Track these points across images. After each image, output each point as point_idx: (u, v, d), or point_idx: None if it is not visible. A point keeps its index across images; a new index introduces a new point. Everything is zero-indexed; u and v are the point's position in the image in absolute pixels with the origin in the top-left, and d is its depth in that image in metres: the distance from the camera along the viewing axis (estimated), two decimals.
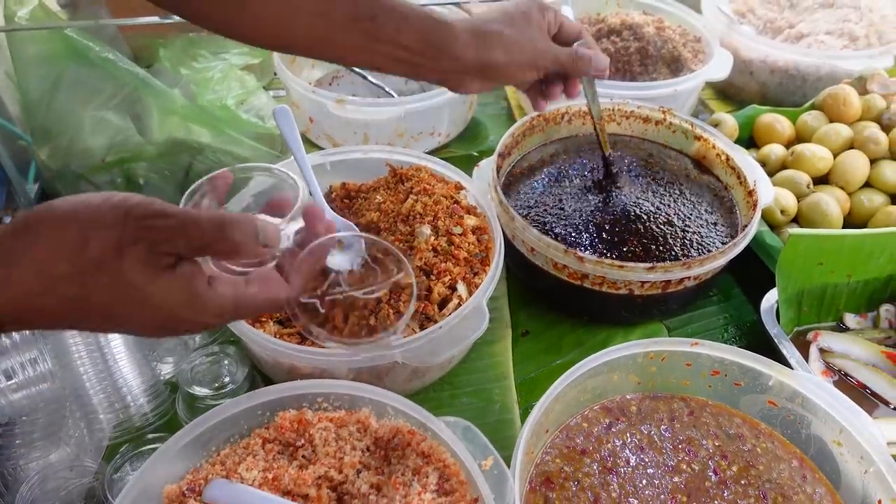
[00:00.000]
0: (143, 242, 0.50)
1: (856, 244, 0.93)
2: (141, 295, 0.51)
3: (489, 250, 0.93)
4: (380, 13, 0.73)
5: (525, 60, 0.81)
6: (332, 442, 0.74)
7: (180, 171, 1.13)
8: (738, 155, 1.07)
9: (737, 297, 1.07)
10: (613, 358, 0.81)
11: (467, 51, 0.77)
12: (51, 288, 0.49)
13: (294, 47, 0.78)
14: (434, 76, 0.80)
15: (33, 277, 0.48)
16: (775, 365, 0.80)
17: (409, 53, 0.76)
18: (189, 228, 0.52)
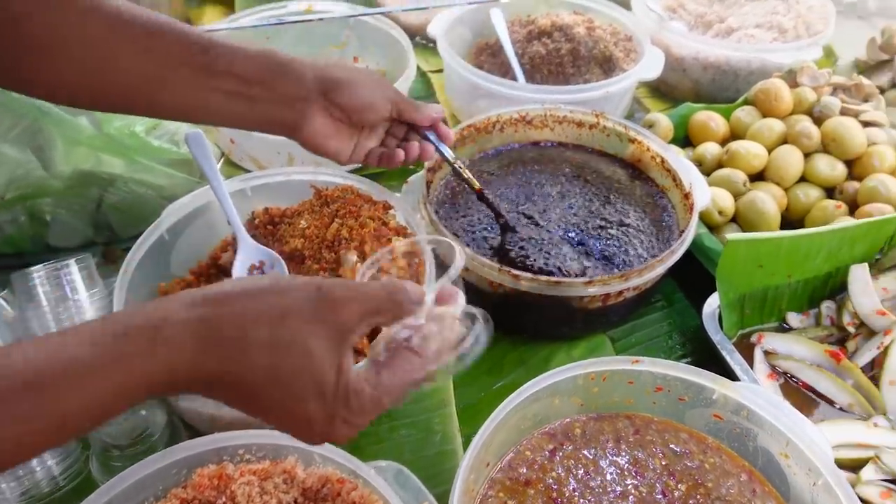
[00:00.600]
0: (330, 323, 0.50)
1: (793, 245, 0.91)
2: (322, 385, 0.49)
3: (420, 274, 0.88)
4: (213, 46, 0.69)
5: (371, 86, 0.78)
6: (256, 497, 0.69)
7: (91, 204, 1.06)
8: (673, 157, 1.04)
9: (680, 301, 1.05)
10: (553, 382, 0.77)
11: (307, 71, 0.73)
12: (245, 353, 0.47)
13: (112, 96, 0.69)
14: (273, 108, 0.73)
15: (233, 343, 0.47)
16: (718, 378, 0.77)
17: (245, 85, 0.70)
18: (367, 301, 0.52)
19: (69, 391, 0.42)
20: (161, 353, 0.45)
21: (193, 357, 0.46)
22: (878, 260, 0.98)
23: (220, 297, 0.49)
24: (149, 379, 0.45)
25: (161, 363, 0.45)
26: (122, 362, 0.44)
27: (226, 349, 0.47)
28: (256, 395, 0.49)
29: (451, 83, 1.33)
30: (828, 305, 0.98)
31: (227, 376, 0.47)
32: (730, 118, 1.19)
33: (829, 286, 0.99)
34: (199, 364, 0.46)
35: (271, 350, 0.48)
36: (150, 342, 0.45)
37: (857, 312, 0.94)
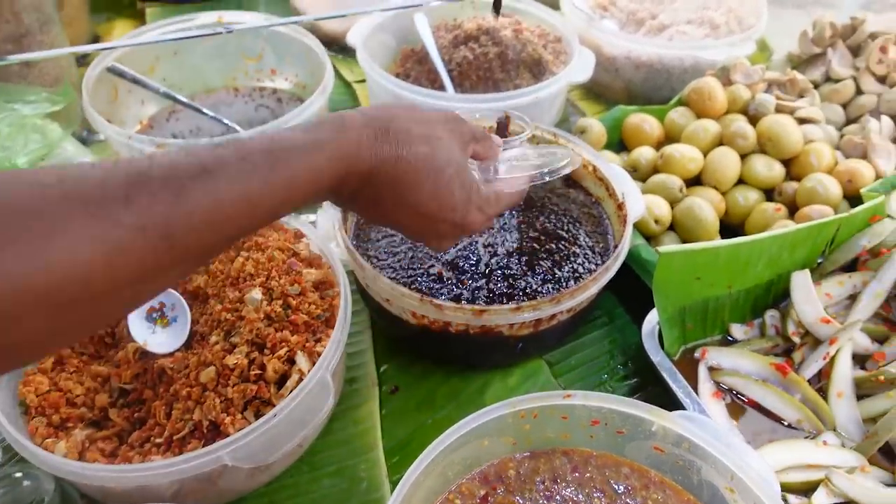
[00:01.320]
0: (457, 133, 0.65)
1: (731, 254, 0.86)
2: (461, 174, 0.63)
3: (334, 308, 0.81)
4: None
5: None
6: None
7: None
8: (605, 165, 0.99)
9: (621, 316, 1.00)
10: (480, 423, 0.70)
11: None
12: (410, 143, 0.59)
13: None
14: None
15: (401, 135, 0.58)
16: (654, 409, 0.71)
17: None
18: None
19: (294, 156, 0.50)
20: (352, 134, 0.55)
21: (372, 142, 0.56)
22: (821, 264, 0.94)
23: (383, 107, 0.61)
24: (344, 152, 0.54)
25: (352, 142, 0.54)
26: (326, 138, 0.53)
27: (396, 137, 0.58)
28: (417, 181, 0.59)
29: (374, 95, 1.26)
30: (772, 314, 0.94)
31: (397, 161, 0.57)
32: (664, 120, 1.14)
33: (773, 294, 0.94)
34: (377, 147, 0.56)
35: (428, 142, 0.60)
36: (343, 127, 0.55)
37: (801, 321, 0.89)
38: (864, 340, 0.87)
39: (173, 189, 0.42)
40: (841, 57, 1.15)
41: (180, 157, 0.44)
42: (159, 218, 0.41)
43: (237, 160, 0.46)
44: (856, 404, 0.83)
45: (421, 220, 0.63)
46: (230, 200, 0.45)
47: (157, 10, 1.59)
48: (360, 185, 0.57)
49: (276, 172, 0.48)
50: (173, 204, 0.41)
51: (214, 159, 0.45)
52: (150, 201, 0.40)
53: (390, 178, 0.58)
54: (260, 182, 0.47)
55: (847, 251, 0.93)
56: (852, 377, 0.85)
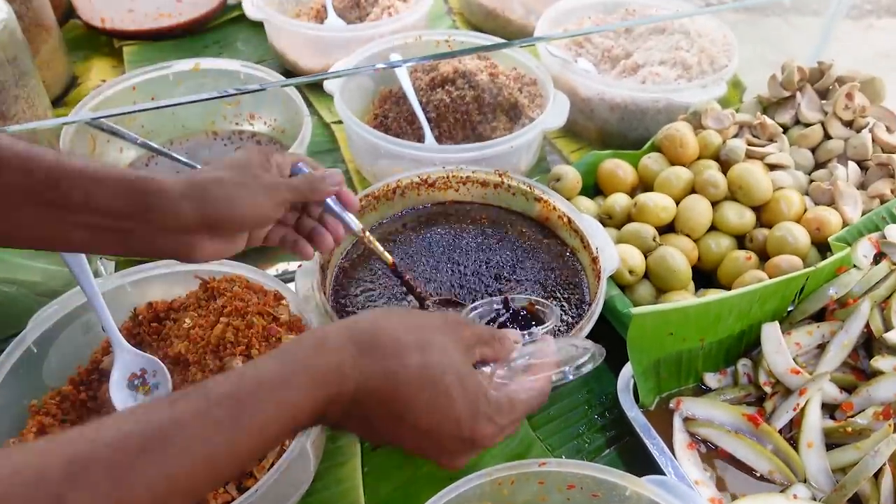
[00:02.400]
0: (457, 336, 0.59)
1: (701, 312, 0.88)
2: (463, 381, 0.56)
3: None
4: (66, 177, 0.60)
5: (257, 199, 0.69)
6: None
7: None
8: (579, 217, 1.01)
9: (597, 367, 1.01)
10: (459, 493, 0.72)
11: (183, 203, 0.64)
12: (400, 354, 0.54)
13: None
14: (154, 243, 0.65)
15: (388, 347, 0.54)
16: (627, 476, 0.73)
17: (111, 219, 0.62)
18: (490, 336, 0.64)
19: (263, 398, 0.46)
20: (331, 355, 0.51)
21: (355, 359, 0.52)
22: (790, 313, 0.97)
23: (369, 317, 0.57)
24: (322, 378, 0.50)
25: (332, 363, 0.51)
26: (300, 365, 0.49)
27: (383, 349, 0.54)
28: (410, 396, 0.54)
29: (352, 142, 1.27)
30: (744, 363, 0.96)
31: (385, 375, 0.53)
32: (637, 165, 1.16)
33: (744, 343, 0.96)
34: (361, 365, 0.52)
35: (421, 349, 0.55)
36: (321, 348, 0.51)
37: (772, 371, 0.92)
38: (833, 390, 0.90)
39: (119, 474, 0.38)
40: (809, 101, 1.18)
41: (130, 426, 0.41)
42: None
43: (197, 418, 0.42)
44: (825, 455, 0.85)
45: (422, 437, 0.56)
46: (186, 472, 0.41)
47: (135, 48, 1.59)
48: (349, 408, 0.53)
49: (241, 424, 0.44)
50: (117, 493, 0.38)
51: (171, 422, 0.41)
52: (90, 495, 0.37)
53: (380, 395, 0.53)
54: (224, 441, 0.43)
55: (815, 301, 0.95)
56: (822, 427, 0.87)
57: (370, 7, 1.61)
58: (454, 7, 1.79)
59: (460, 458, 0.60)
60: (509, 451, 0.91)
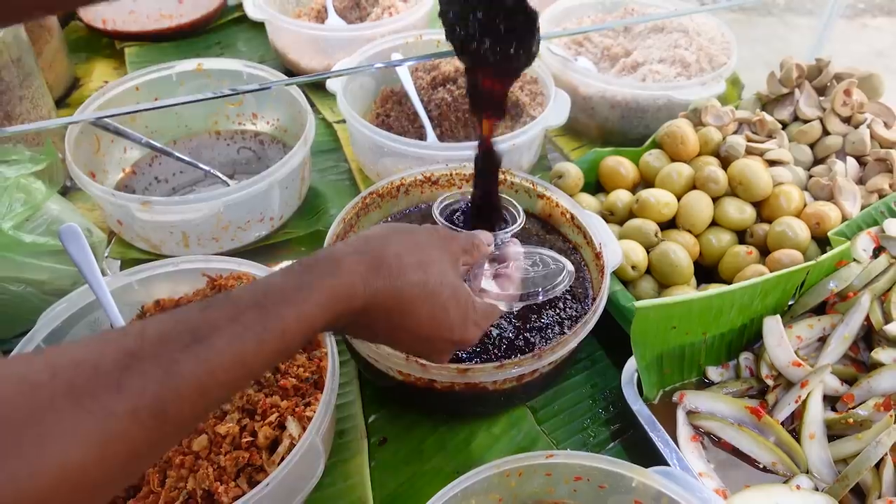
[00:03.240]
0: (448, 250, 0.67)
1: (704, 305, 0.89)
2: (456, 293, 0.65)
3: (322, 369, 0.83)
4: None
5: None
6: None
7: None
8: (582, 213, 1.02)
9: (601, 359, 1.03)
10: (468, 485, 0.73)
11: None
12: (403, 273, 0.60)
13: None
14: None
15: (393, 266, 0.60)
16: (634, 467, 0.74)
17: None
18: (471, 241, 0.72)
19: (286, 308, 0.50)
20: (344, 275, 0.56)
21: (365, 279, 0.57)
22: (791, 307, 0.98)
23: (377, 236, 0.62)
24: (337, 294, 0.55)
25: (345, 283, 0.56)
26: (318, 282, 0.54)
27: (389, 269, 0.59)
28: (412, 309, 0.61)
29: (354, 139, 1.28)
30: (746, 357, 0.97)
31: (391, 292, 0.59)
32: (638, 162, 1.17)
33: (746, 337, 0.97)
34: (371, 283, 0.58)
35: (422, 267, 0.62)
36: (336, 268, 0.56)
37: (774, 364, 0.93)
38: (834, 382, 0.91)
39: (165, 366, 0.42)
40: (808, 97, 1.19)
41: (170, 327, 0.44)
42: (151, 399, 0.40)
43: (228, 322, 0.46)
44: (827, 446, 0.86)
45: (418, 342, 0.65)
46: (224, 366, 0.45)
47: (136, 49, 1.60)
48: (357, 318, 0.58)
49: (268, 329, 0.48)
50: (165, 382, 0.41)
51: (206, 325, 0.46)
52: (142, 383, 0.40)
53: (386, 308, 0.60)
54: (253, 342, 0.47)
55: (816, 295, 0.96)
56: (823, 419, 0.88)
57: (370, 7, 1.61)
58: None
59: (446, 355, 0.69)
60: (515, 445, 0.92)
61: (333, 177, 1.33)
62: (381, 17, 1.53)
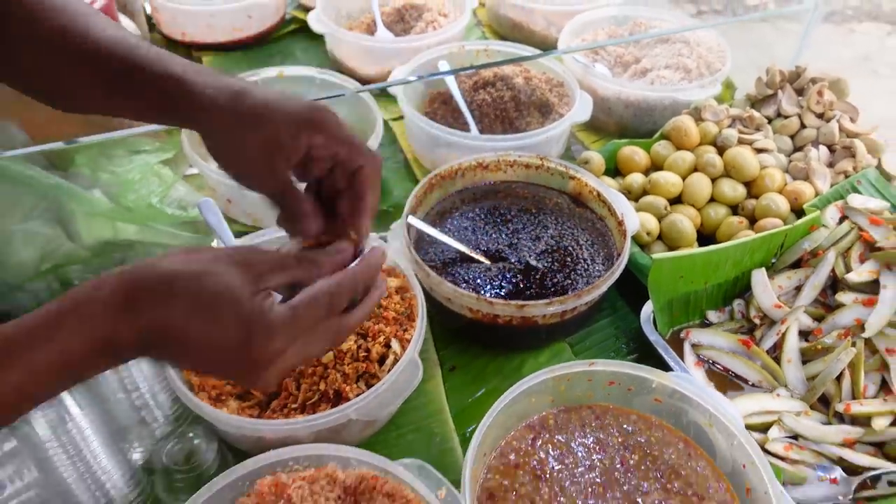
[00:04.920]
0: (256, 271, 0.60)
1: (706, 259, 1.15)
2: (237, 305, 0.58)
3: (413, 307, 1.08)
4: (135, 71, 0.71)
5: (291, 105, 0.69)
6: (308, 497, 0.86)
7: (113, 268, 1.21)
8: (607, 191, 1.27)
9: (622, 308, 1.27)
10: (530, 385, 0.97)
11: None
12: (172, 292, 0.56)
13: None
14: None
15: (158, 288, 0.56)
16: (655, 371, 0.99)
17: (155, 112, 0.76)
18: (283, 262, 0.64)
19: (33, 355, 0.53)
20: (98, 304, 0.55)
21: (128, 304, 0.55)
22: (774, 263, 1.23)
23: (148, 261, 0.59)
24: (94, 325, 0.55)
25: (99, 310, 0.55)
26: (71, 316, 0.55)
27: (153, 292, 0.56)
28: (186, 332, 0.56)
29: (412, 133, 1.53)
30: (738, 303, 1.22)
31: (159, 322, 0.56)
32: (650, 151, 1.42)
33: (738, 287, 1.23)
34: (136, 309, 0.55)
35: (195, 280, 0.57)
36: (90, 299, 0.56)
37: (760, 307, 1.18)
38: (807, 320, 1.16)
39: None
40: (788, 97, 1.45)
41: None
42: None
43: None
44: (801, 367, 1.11)
45: (212, 364, 0.61)
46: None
47: (212, 58, 1.85)
48: (141, 347, 0.57)
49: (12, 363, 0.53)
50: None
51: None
52: None
53: (161, 333, 0.57)
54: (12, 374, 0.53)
55: (793, 253, 1.21)
56: (798, 347, 1.13)
57: (413, 21, 1.87)
58: (483, 20, 2.05)
59: (258, 378, 0.61)
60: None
61: (392, 165, 1.58)
62: (426, 30, 1.79)
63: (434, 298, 1.16)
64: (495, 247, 1.22)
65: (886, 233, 1.17)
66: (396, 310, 1.06)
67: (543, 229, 1.26)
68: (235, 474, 0.87)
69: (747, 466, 0.91)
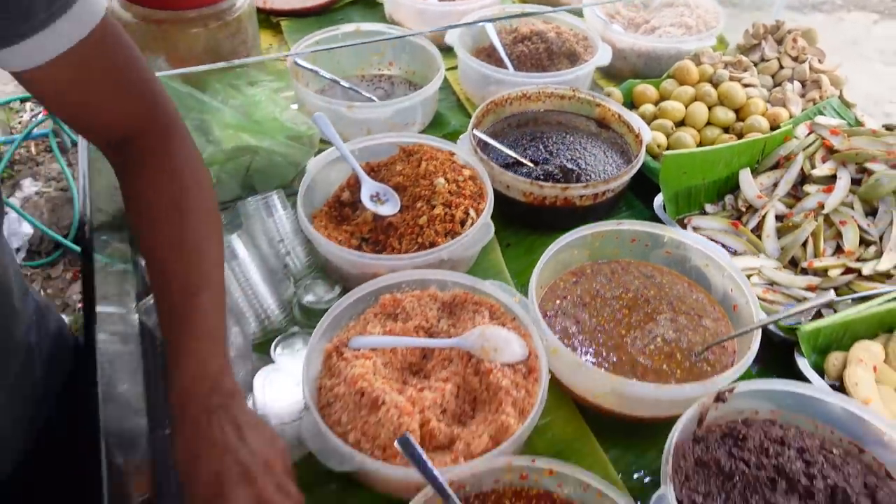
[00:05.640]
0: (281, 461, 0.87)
1: (703, 157, 1.49)
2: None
3: (482, 189, 1.42)
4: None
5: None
6: (417, 308, 1.21)
7: (242, 168, 1.55)
8: (626, 113, 1.61)
9: (638, 206, 1.62)
10: (572, 239, 1.31)
11: None
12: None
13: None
14: None
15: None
16: (667, 227, 1.34)
17: None
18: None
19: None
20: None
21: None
22: (757, 167, 1.57)
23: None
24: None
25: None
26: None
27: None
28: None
29: (465, 75, 1.87)
30: (729, 198, 1.56)
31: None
32: (659, 88, 1.77)
33: (729, 185, 1.57)
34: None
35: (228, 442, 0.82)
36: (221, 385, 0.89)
37: (746, 198, 1.52)
38: (781, 207, 1.50)
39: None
40: (770, 45, 1.79)
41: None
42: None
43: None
44: (776, 240, 1.46)
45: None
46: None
47: (290, 23, 2.19)
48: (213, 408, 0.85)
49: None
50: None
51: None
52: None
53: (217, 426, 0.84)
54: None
55: (772, 158, 1.56)
56: (775, 227, 1.47)
57: None
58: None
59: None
60: None
61: (446, 104, 1.92)
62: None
63: (495, 190, 1.50)
64: (538, 155, 1.57)
65: (842, 140, 1.51)
66: (471, 190, 1.41)
67: (576, 144, 1.60)
68: (365, 290, 1.21)
69: (734, 290, 1.26)
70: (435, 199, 1.37)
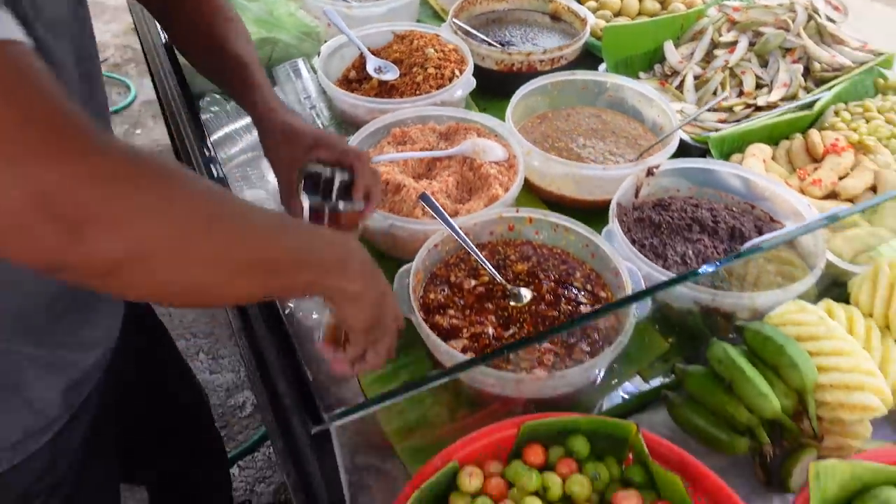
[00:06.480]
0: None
1: (635, 29, 1.90)
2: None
3: (464, 57, 1.79)
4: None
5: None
6: (420, 135, 1.57)
7: (265, 58, 1.89)
8: (574, 4, 2.00)
9: None
10: (537, 86, 1.69)
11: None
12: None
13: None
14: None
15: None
16: (611, 75, 1.73)
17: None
18: None
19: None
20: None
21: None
22: (678, 41, 1.98)
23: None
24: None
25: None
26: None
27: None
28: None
29: None
30: (657, 66, 1.97)
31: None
32: None
33: (658, 55, 1.97)
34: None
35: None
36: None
37: (671, 65, 1.93)
38: (698, 69, 1.90)
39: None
40: None
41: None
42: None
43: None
44: (694, 92, 1.86)
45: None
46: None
47: None
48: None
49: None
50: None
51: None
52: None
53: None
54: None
55: (689, 32, 1.97)
56: (693, 83, 1.88)
57: None
58: None
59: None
60: None
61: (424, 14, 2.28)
62: None
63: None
64: (504, 41, 1.95)
65: (743, 15, 1.93)
66: (455, 57, 1.78)
67: (534, 32, 1.99)
68: (378, 124, 1.57)
69: (660, 115, 1.66)
70: (427, 64, 1.74)
